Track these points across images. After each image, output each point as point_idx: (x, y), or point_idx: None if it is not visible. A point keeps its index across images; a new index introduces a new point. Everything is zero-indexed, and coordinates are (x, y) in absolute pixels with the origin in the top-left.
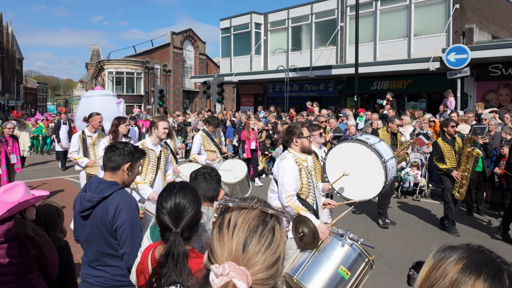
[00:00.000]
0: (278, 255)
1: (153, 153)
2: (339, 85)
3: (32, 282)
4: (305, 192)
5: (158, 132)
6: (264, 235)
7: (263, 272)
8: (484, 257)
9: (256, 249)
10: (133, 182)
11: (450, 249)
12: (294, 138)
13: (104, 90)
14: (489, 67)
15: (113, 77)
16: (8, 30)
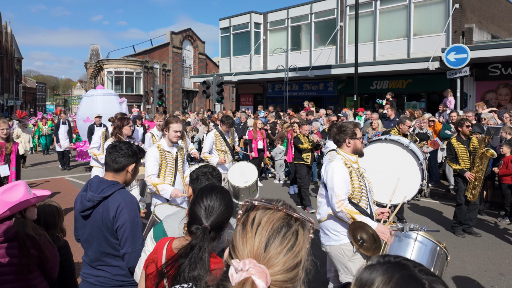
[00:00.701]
0: (299, 260)
1: (170, 155)
2: (339, 84)
3: (32, 282)
4: (357, 196)
5: (169, 135)
6: (287, 237)
7: (283, 274)
8: (405, 274)
9: (278, 250)
10: (152, 185)
11: (369, 271)
12: (347, 139)
13: (106, 89)
14: (489, 66)
15: (112, 76)
16: (7, 30)
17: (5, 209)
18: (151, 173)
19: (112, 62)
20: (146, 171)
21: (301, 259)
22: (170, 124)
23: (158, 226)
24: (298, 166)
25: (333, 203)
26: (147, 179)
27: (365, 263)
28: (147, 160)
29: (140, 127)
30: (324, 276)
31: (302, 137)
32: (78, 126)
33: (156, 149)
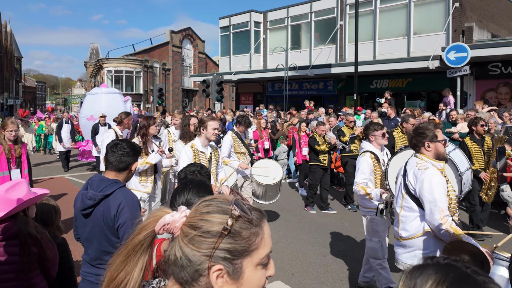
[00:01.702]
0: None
1: (204, 155)
2: (339, 83)
3: (32, 280)
4: (452, 209)
5: (207, 133)
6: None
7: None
8: (458, 273)
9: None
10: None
11: (418, 271)
12: (426, 142)
13: (110, 87)
14: (489, 65)
15: (112, 75)
16: (6, 29)
17: (12, 207)
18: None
19: (112, 61)
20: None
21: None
22: (208, 122)
23: None
24: (313, 168)
25: (435, 219)
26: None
27: (410, 265)
28: (180, 160)
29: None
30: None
31: (319, 138)
32: (81, 125)
33: (190, 148)
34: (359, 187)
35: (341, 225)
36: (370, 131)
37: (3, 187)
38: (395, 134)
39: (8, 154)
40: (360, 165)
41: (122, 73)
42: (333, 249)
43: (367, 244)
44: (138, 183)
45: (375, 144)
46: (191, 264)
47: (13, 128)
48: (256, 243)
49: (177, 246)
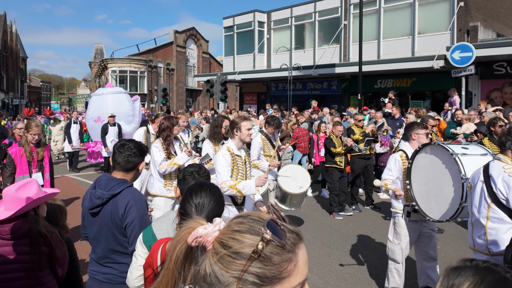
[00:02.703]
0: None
1: (240, 159)
2: (343, 83)
3: (42, 279)
4: None
5: (241, 135)
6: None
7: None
8: (497, 277)
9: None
10: (231, 188)
11: (456, 273)
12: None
13: (116, 87)
14: (494, 65)
15: (117, 75)
16: (12, 29)
17: (21, 206)
18: (226, 178)
19: (116, 61)
20: (219, 177)
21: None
22: (241, 123)
23: (147, 229)
24: (329, 170)
25: None
26: (222, 185)
27: (448, 267)
28: (217, 165)
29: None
30: None
31: (335, 139)
32: (88, 127)
33: (227, 152)
34: (383, 182)
35: (345, 225)
36: (413, 129)
37: (14, 186)
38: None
39: (29, 157)
40: (388, 162)
41: (126, 73)
42: (337, 249)
43: (387, 244)
44: (163, 188)
45: (415, 143)
46: (219, 284)
47: (37, 131)
48: (288, 270)
49: (208, 261)
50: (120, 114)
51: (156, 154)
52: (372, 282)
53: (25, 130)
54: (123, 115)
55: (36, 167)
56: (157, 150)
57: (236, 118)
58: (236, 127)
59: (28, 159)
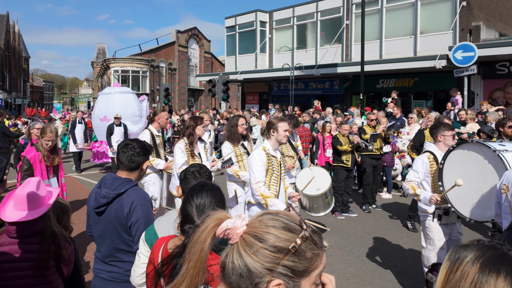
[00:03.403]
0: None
1: (275, 160)
2: (345, 83)
3: (48, 278)
4: None
5: (278, 136)
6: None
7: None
8: (498, 253)
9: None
10: (261, 196)
11: (463, 248)
12: None
13: (124, 87)
14: (496, 65)
15: (119, 75)
16: (14, 29)
17: (47, 206)
18: (260, 179)
19: (119, 61)
20: (252, 176)
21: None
22: (278, 123)
23: (149, 228)
24: (336, 169)
25: None
26: (254, 186)
27: (458, 245)
28: (252, 164)
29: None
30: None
31: (342, 138)
32: (94, 126)
33: (263, 152)
34: (409, 185)
35: (347, 224)
36: (439, 130)
37: (30, 186)
38: (426, 132)
39: (47, 161)
40: (415, 164)
41: (128, 72)
42: (339, 249)
43: (422, 252)
44: None
45: (441, 145)
46: (250, 275)
47: (51, 137)
48: (316, 264)
49: (237, 254)
50: (127, 114)
51: (177, 156)
52: (374, 282)
53: (40, 135)
54: (129, 115)
55: (52, 171)
56: (180, 152)
57: (273, 118)
58: (273, 127)
59: (46, 163)
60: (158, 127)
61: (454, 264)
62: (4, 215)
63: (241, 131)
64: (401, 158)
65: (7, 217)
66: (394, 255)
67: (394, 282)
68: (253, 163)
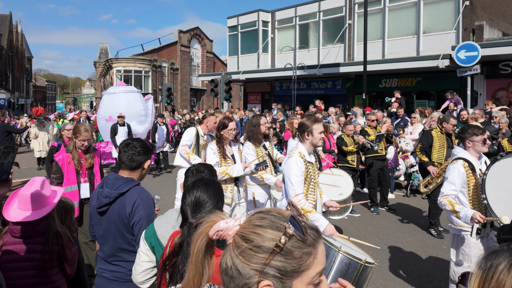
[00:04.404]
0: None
1: (312, 166)
2: (347, 83)
3: (52, 278)
4: None
5: (313, 139)
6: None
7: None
8: None
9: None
10: (301, 211)
11: (494, 255)
12: None
13: (129, 86)
14: (500, 64)
15: (121, 75)
16: (17, 29)
17: (51, 205)
18: (299, 191)
19: (121, 60)
20: (291, 188)
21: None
22: (313, 125)
23: (149, 227)
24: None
25: None
26: (294, 199)
27: (488, 252)
28: (291, 174)
29: (163, 126)
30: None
31: (346, 138)
32: (99, 126)
33: (300, 159)
34: (446, 200)
35: (350, 224)
36: (467, 135)
37: (35, 186)
38: (434, 133)
39: (77, 165)
40: (450, 174)
41: (131, 72)
42: None
43: (453, 267)
44: None
45: (472, 150)
46: (240, 277)
47: (87, 137)
48: (307, 263)
49: (229, 255)
50: (132, 114)
51: (209, 157)
52: (377, 282)
53: (73, 135)
54: (135, 115)
55: (85, 175)
56: (212, 153)
57: (306, 120)
58: (307, 130)
59: (76, 167)
60: (205, 130)
61: (487, 273)
62: (8, 214)
63: (264, 131)
64: (405, 158)
65: (11, 217)
66: (397, 255)
67: (398, 282)
68: (291, 173)
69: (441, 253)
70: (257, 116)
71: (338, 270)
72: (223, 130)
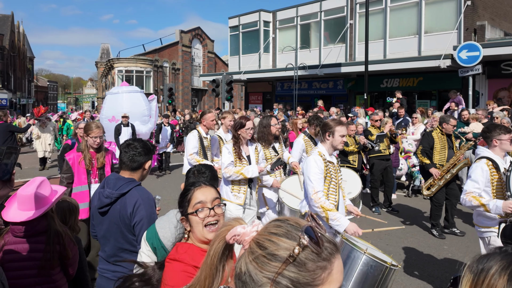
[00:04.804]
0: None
1: (332, 166)
2: (348, 83)
3: (53, 277)
4: None
5: (334, 141)
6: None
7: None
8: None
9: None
10: (321, 209)
11: (485, 258)
12: None
13: (132, 86)
14: (501, 64)
15: (123, 75)
16: (19, 29)
17: (48, 204)
18: (319, 189)
19: (123, 61)
20: (310, 185)
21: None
22: (336, 127)
23: (150, 228)
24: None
25: None
26: (313, 197)
27: (476, 254)
28: (310, 171)
29: (168, 126)
30: None
31: (348, 138)
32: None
33: (319, 157)
34: (470, 196)
35: None
36: (494, 134)
37: (32, 186)
38: (434, 134)
39: (88, 165)
40: (473, 172)
41: (132, 72)
42: None
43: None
44: (230, 193)
45: (498, 150)
46: (252, 283)
47: (99, 133)
48: (321, 278)
49: (244, 260)
50: (135, 114)
51: (224, 156)
52: None
53: (84, 133)
54: (138, 115)
55: (96, 176)
56: (226, 152)
57: (330, 120)
58: (329, 131)
59: (87, 167)
60: (206, 129)
61: (478, 277)
62: (6, 215)
63: (274, 132)
64: (407, 158)
65: (8, 217)
66: (399, 255)
67: (399, 282)
68: (310, 170)
69: (442, 254)
70: (268, 117)
71: (361, 272)
72: (241, 129)
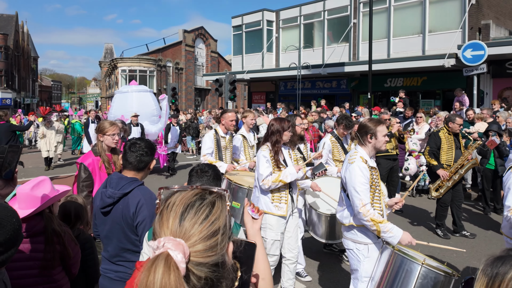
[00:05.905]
0: (217, 227)
1: (375, 172)
2: (352, 82)
3: (54, 277)
4: None
5: (377, 143)
6: (201, 208)
7: (201, 243)
8: None
9: (192, 221)
10: (372, 222)
11: (499, 261)
12: None
13: (141, 85)
14: (506, 63)
15: (126, 75)
16: (23, 29)
17: (39, 204)
18: (367, 201)
19: (126, 60)
20: (357, 197)
21: (219, 227)
22: (377, 127)
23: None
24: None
25: None
26: (362, 210)
27: (489, 257)
28: (355, 182)
29: (176, 126)
30: None
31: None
32: None
33: (364, 164)
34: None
35: None
36: None
37: (28, 185)
38: (441, 134)
39: (108, 168)
40: (509, 180)
41: (136, 72)
42: None
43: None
44: (271, 203)
45: None
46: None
47: (115, 130)
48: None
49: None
50: (144, 113)
51: (262, 166)
52: None
53: (99, 133)
54: (147, 114)
55: None
56: (265, 161)
57: (369, 121)
58: (370, 132)
59: (107, 171)
60: (224, 129)
61: (493, 281)
62: None
63: (299, 132)
64: (417, 158)
65: None
66: None
67: None
68: (355, 181)
69: (447, 254)
70: (292, 116)
71: (420, 285)
72: (284, 132)
